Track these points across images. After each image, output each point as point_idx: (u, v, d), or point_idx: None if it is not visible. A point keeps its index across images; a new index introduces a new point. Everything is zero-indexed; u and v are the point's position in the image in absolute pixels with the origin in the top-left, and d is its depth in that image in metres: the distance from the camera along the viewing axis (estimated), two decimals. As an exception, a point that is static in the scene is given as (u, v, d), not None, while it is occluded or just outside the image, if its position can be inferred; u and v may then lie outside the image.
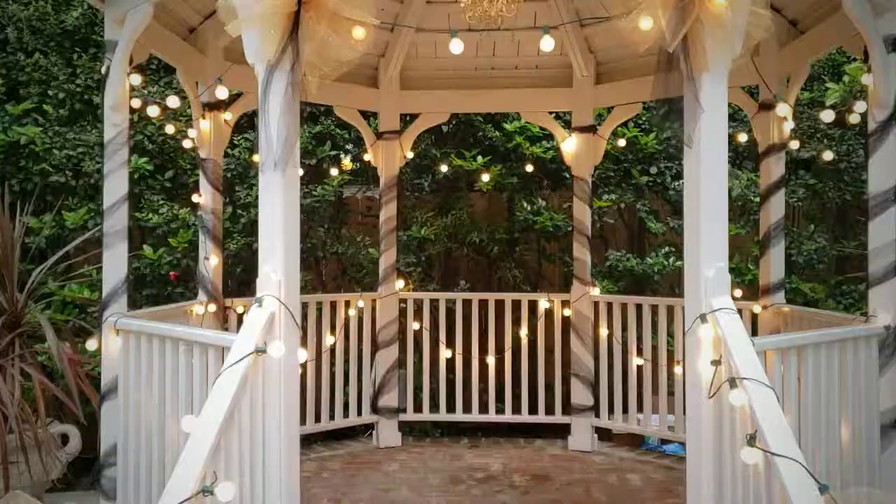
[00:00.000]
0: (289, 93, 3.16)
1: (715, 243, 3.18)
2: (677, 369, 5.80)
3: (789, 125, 5.23)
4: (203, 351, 3.51)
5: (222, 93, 3.79)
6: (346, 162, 7.00)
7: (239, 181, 6.71)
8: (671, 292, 7.13)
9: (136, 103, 4.76)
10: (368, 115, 6.61)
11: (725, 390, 2.97)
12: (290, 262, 3.27)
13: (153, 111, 4.35)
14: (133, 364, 4.05)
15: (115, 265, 4.30)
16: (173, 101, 4.20)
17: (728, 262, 3.22)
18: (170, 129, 5.40)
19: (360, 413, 6.25)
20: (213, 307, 5.25)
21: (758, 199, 6.90)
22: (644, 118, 7.21)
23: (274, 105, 3.17)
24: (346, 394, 6.21)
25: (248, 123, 6.82)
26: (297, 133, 3.19)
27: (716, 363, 3.09)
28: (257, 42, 3.19)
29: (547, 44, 3.59)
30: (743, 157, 7.39)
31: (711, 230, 3.18)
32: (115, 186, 4.32)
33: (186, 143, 5.37)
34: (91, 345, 4.32)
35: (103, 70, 4.27)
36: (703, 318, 3.15)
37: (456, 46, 3.62)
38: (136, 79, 4.24)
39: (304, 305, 5.99)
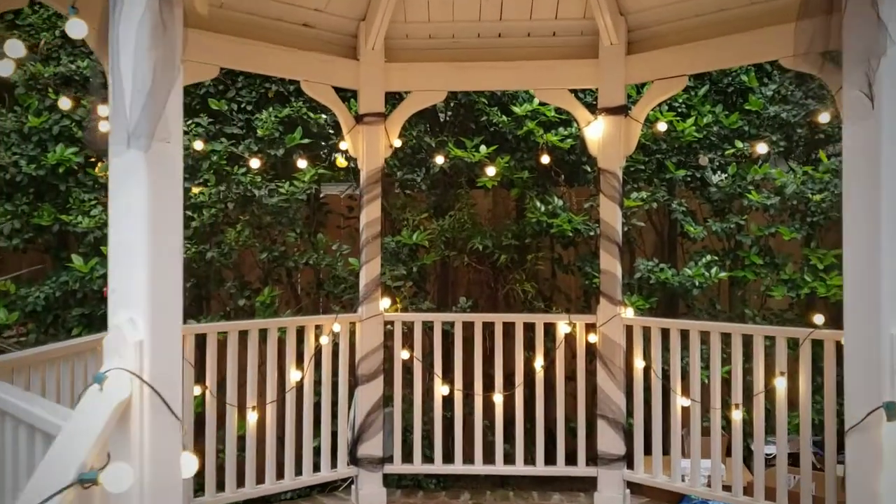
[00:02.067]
0: (155, 12, 1.71)
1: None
2: (735, 414, 4.37)
3: None
4: (30, 434, 2.07)
5: (78, 29, 2.33)
6: (341, 160, 5.57)
7: (188, 177, 5.26)
8: (711, 308, 5.69)
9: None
10: (347, 96, 5.17)
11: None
12: (163, 305, 1.82)
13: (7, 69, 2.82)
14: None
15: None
16: (16, 48, 2.68)
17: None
18: (65, 103, 3.91)
19: (334, 465, 4.80)
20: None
21: (816, 198, 5.53)
22: (681, 99, 5.76)
23: (127, 34, 1.73)
24: (317, 438, 4.77)
25: (199, 104, 5.38)
26: (171, 83, 1.74)
27: (920, 494, 1.64)
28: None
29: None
30: (796, 146, 5.94)
31: (901, 252, 1.73)
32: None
33: (103, 127, 3.91)
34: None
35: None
36: (889, 409, 1.69)
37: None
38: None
39: (263, 332, 4.56)
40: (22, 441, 2.10)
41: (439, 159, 5.59)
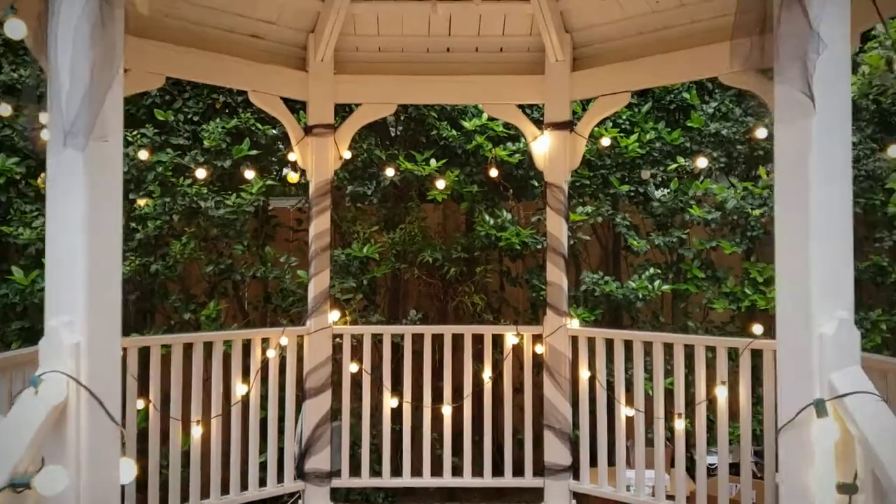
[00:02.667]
0: (94, 10, 1.68)
1: (836, 278, 1.79)
2: (678, 424, 4.43)
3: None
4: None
5: (17, 29, 2.28)
6: (292, 175, 5.49)
7: (134, 187, 5.16)
8: (654, 320, 5.78)
9: None
10: (297, 108, 5.15)
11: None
12: (101, 306, 1.78)
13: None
14: None
15: None
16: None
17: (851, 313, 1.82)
18: (4, 109, 3.81)
19: (280, 479, 4.73)
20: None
21: (756, 213, 5.68)
22: (625, 116, 5.87)
23: (66, 31, 1.69)
24: (263, 453, 4.69)
25: (145, 115, 5.29)
26: (110, 82, 1.71)
27: (848, 489, 1.69)
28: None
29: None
30: (737, 162, 6.09)
31: (829, 256, 1.79)
32: None
33: (45, 135, 3.83)
34: None
35: None
36: (819, 406, 1.74)
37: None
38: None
39: (209, 345, 4.48)
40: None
41: (390, 172, 5.58)
